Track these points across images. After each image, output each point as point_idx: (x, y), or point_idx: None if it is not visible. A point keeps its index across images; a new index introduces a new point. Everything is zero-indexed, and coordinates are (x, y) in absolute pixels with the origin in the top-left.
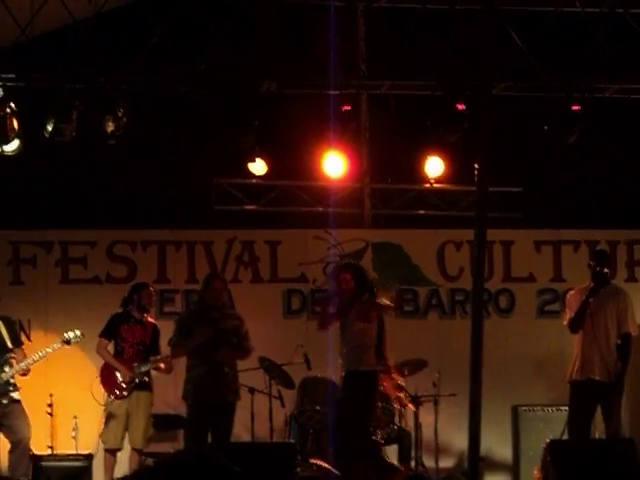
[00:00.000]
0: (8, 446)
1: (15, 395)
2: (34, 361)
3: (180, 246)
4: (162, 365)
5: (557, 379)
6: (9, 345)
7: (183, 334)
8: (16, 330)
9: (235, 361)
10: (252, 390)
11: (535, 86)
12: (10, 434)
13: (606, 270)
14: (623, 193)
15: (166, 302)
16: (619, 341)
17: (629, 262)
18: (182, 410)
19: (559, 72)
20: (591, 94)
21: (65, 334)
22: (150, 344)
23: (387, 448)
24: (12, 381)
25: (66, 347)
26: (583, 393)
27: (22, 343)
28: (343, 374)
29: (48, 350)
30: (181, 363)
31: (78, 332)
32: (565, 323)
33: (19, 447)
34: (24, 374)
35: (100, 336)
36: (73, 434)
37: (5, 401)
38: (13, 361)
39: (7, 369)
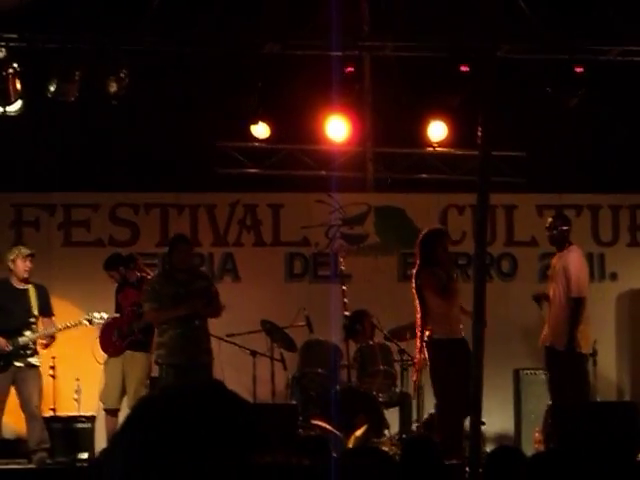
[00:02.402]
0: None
1: (32, 360)
2: (55, 332)
3: (183, 209)
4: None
5: None
6: (35, 312)
7: (153, 299)
8: (47, 300)
9: (206, 321)
10: (254, 353)
11: (538, 48)
12: (20, 399)
13: (554, 232)
14: (626, 157)
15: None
16: None
17: (631, 227)
18: None
19: (562, 34)
20: (594, 56)
21: (89, 313)
22: None
23: (389, 411)
24: (31, 346)
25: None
26: (545, 360)
27: (52, 314)
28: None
29: (71, 324)
30: None
31: (104, 314)
32: None
33: (27, 413)
34: (46, 345)
35: None
36: (75, 396)
37: (20, 364)
38: (35, 327)
39: (28, 333)
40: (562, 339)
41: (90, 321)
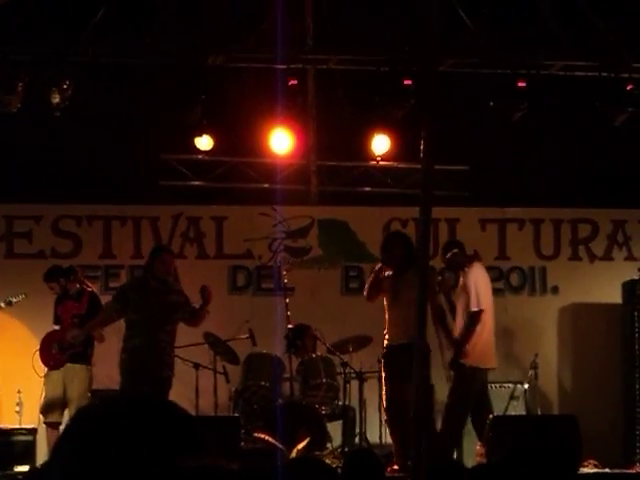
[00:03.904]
0: None
1: None
2: None
3: (126, 221)
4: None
5: (500, 356)
6: None
7: (120, 302)
8: None
9: (172, 335)
10: (197, 366)
11: (481, 62)
12: None
13: (447, 259)
14: (568, 172)
15: (111, 277)
16: None
17: (573, 241)
18: None
19: (505, 48)
20: (537, 70)
21: (7, 297)
22: (86, 314)
23: (331, 424)
24: None
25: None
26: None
27: None
28: (398, 343)
29: None
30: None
31: (23, 295)
32: None
33: None
34: None
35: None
36: (17, 409)
37: None
38: None
39: None
40: (467, 353)
41: (9, 303)
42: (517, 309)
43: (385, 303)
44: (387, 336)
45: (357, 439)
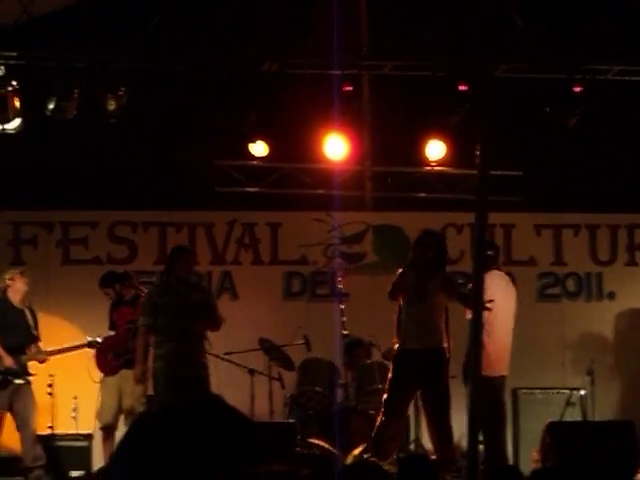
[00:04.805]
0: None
1: (29, 378)
2: (56, 352)
3: (181, 228)
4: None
5: (557, 362)
6: (35, 333)
7: (151, 313)
8: (37, 322)
9: (203, 335)
10: (252, 371)
11: (537, 67)
12: (17, 416)
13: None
14: (624, 177)
15: None
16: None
17: (630, 246)
18: None
19: (561, 53)
20: (592, 76)
21: (90, 338)
22: None
23: None
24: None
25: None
26: None
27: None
28: (418, 348)
29: (70, 346)
30: None
31: (100, 339)
32: None
33: (23, 430)
34: (42, 361)
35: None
36: (73, 414)
37: (20, 381)
38: (34, 346)
39: (32, 351)
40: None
41: (90, 344)
42: (573, 315)
43: (402, 303)
44: (400, 339)
45: (412, 445)
